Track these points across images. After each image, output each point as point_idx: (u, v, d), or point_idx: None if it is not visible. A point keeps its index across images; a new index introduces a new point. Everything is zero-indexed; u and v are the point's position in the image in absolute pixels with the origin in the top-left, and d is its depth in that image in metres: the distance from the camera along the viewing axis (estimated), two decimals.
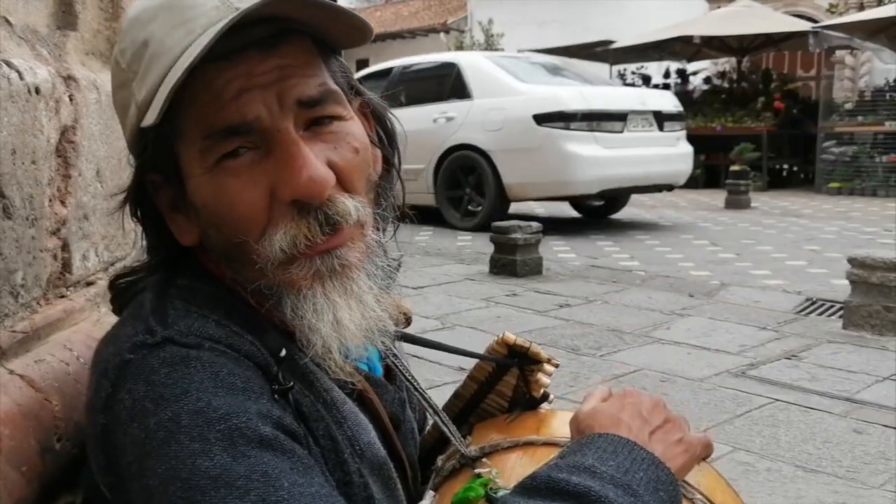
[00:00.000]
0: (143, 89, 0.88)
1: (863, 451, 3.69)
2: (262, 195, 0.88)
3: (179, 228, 0.96)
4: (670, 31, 18.45)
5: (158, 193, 0.95)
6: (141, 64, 0.88)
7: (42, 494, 0.93)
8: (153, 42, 0.87)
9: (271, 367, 0.87)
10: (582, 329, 5.82)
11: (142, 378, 0.82)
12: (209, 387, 0.80)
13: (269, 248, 0.88)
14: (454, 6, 33.07)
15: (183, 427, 0.78)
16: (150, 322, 0.87)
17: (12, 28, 1.05)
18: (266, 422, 0.81)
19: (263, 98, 0.86)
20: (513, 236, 7.65)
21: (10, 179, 0.95)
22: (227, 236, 0.90)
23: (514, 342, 1.15)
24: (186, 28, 0.86)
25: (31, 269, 1.02)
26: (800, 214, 12.83)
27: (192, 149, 0.88)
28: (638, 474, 0.85)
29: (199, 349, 0.84)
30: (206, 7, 0.86)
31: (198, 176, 0.89)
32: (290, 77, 0.88)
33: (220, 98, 0.86)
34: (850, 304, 5.67)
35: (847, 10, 20.77)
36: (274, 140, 0.87)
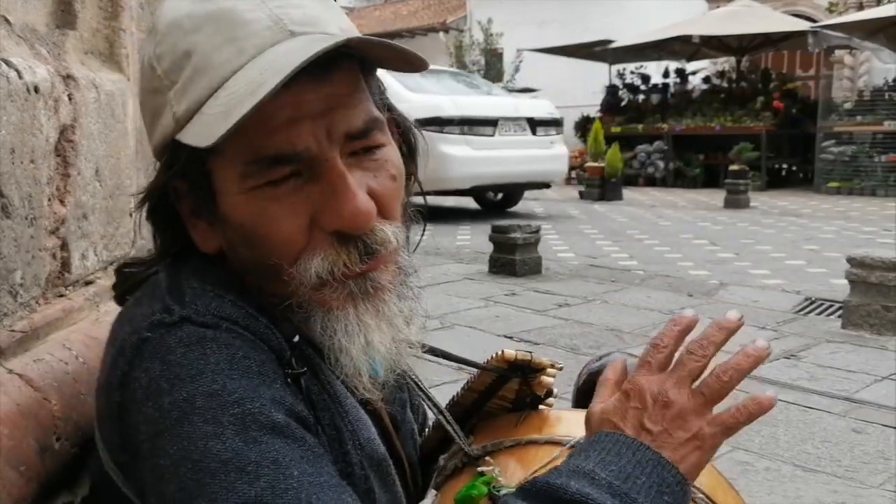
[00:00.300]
0: (183, 102, 0.86)
1: (862, 451, 3.69)
2: (302, 222, 0.87)
3: (202, 236, 0.95)
4: (669, 31, 18.46)
5: (181, 200, 0.95)
6: (181, 75, 0.87)
7: (41, 494, 0.93)
8: (197, 55, 0.86)
9: (285, 351, 0.87)
10: (581, 328, 5.82)
11: (158, 357, 0.81)
12: (225, 369, 0.80)
13: (305, 272, 0.88)
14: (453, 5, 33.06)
15: (197, 408, 0.77)
16: (168, 301, 0.86)
17: (11, 27, 1.05)
18: (279, 408, 0.80)
19: (313, 128, 0.85)
20: (512, 236, 7.65)
21: (8, 178, 0.95)
22: (260, 257, 0.90)
23: (515, 358, 1.13)
24: (237, 47, 0.84)
25: (30, 269, 1.02)
26: (799, 214, 12.83)
27: (232, 169, 0.87)
28: (640, 479, 0.83)
29: (217, 329, 0.83)
30: (258, 27, 0.85)
31: (234, 195, 0.88)
32: (339, 108, 0.87)
33: (268, 124, 0.84)
34: (849, 303, 5.68)
35: (846, 9, 20.76)
36: (321, 169, 0.86)
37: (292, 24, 0.86)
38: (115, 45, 1.38)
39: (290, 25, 0.86)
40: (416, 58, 0.90)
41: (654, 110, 18.83)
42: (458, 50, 21.37)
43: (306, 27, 0.87)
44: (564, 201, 15.19)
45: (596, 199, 14.87)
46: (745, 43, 18.98)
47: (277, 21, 0.86)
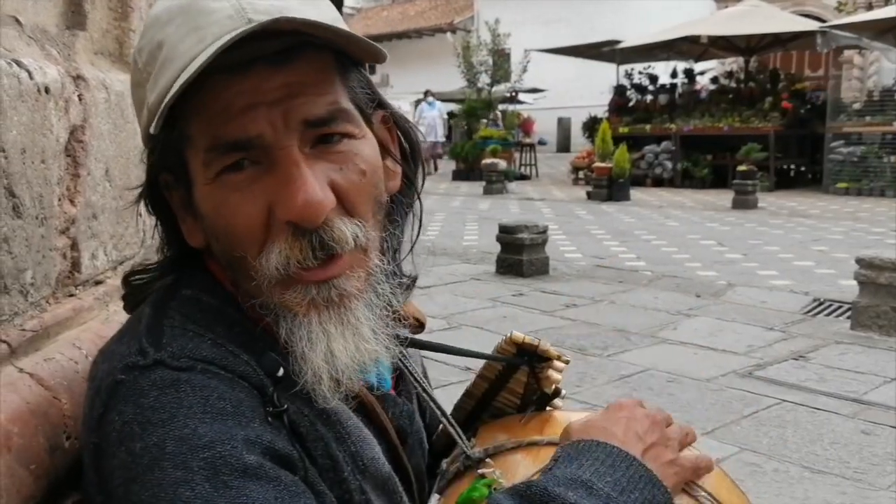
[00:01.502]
0: (153, 93, 0.87)
1: (870, 453, 3.68)
2: (260, 211, 0.86)
3: (189, 230, 0.94)
4: (677, 31, 18.43)
5: (171, 193, 0.95)
6: (155, 66, 0.87)
7: (50, 492, 0.93)
8: (167, 46, 0.86)
9: (267, 388, 0.86)
10: (588, 329, 5.81)
11: (131, 400, 0.81)
12: (198, 412, 0.79)
13: (266, 265, 0.86)
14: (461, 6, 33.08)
15: (167, 454, 0.77)
16: (143, 343, 0.85)
17: (22, 28, 1.05)
18: (253, 449, 0.79)
19: (269, 115, 0.84)
20: (519, 236, 7.65)
21: (19, 179, 0.95)
22: (227, 248, 0.89)
23: (523, 341, 1.14)
24: (198, 35, 0.84)
25: (40, 268, 1.03)
26: (807, 215, 12.79)
27: (198, 158, 0.87)
28: (633, 494, 0.83)
29: (191, 371, 0.82)
30: (220, 15, 0.84)
31: (202, 185, 0.88)
32: (298, 95, 0.85)
33: (226, 111, 0.84)
34: (857, 304, 5.66)
35: (855, 9, 20.69)
36: (275, 158, 0.85)
37: (253, 13, 0.84)
38: (125, 46, 1.39)
39: (251, 13, 0.84)
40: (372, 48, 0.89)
41: (661, 111, 18.80)
42: (465, 50, 21.30)
43: (266, 15, 0.84)
44: (572, 202, 15.18)
45: (603, 199, 14.85)
46: (753, 43, 18.93)
47: (240, 10, 0.84)
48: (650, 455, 0.92)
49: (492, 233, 8.22)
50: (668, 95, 19.34)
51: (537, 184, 19.36)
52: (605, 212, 13.38)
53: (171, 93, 0.80)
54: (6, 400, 0.89)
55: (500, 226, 7.92)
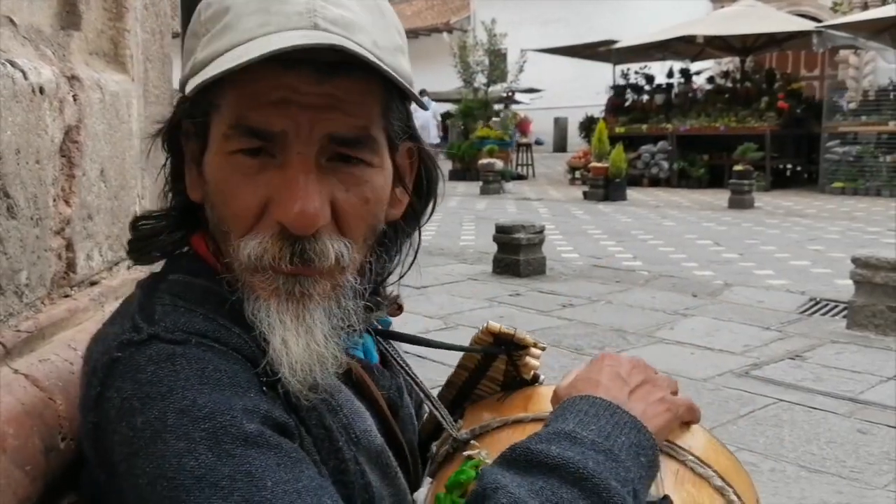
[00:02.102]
0: (204, 51, 0.88)
1: (867, 452, 3.69)
2: (257, 201, 0.88)
3: (191, 182, 0.96)
4: (673, 31, 18.45)
5: (188, 142, 0.96)
6: (215, 26, 0.88)
7: (46, 493, 0.93)
8: (232, 12, 0.87)
9: (259, 359, 0.87)
10: (585, 329, 5.81)
11: (129, 376, 0.82)
12: (195, 384, 0.80)
13: (243, 250, 0.88)
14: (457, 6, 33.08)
15: (169, 426, 0.78)
16: (137, 319, 0.86)
17: (16, 28, 1.05)
18: (252, 418, 0.80)
19: (298, 116, 0.85)
20: (516, 236, 7.65)
21: (14, 179, 0.95)
22: (217, 219, 0.91)
23: (499, 330, 1.15)
24: (264, 18, 0.85)
25: (35, 269, 1.02)
26: (803, 214, 12.81)
27: (220, 128, 0.89)
28: (620, 438, 0.85)
29: (186, 345, 0.84)
30: (290, 10, 0.85)
31: (215, 154, 0.90)
32: (333, 109, 0.86)
33: (259, 97, 0.85)
34: (854, 304, 5.66)
35: (851, 9, 20.73)
36: (289, 159, 0.86)
37: (321, 19, 0.85)
38: (120, 46, 1.38)
39: (319, 19, 0.85)
40: (414, 96, 0.91)
41: (658, 110, 18.81)
42: (461, 50, 21.30)
43: (334, 27, 0.85)
44: (568, 202, 15.19)
45: (600, 199, 14.86)
46: (749, 43, 18.96)
47: (311, 10, 0.85)
48: (638, 395, 0.95)
49: (488, 233, 8.22)
50: (665, 95, 19.35)
51: (534, 184, 19.37)
52: (601, 212, 13.39)
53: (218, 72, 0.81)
54: (2, 401, 0.89)
55: (497, 226, 7.92)
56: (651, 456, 0.87)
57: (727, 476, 1.00)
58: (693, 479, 0.97)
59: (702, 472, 0.98)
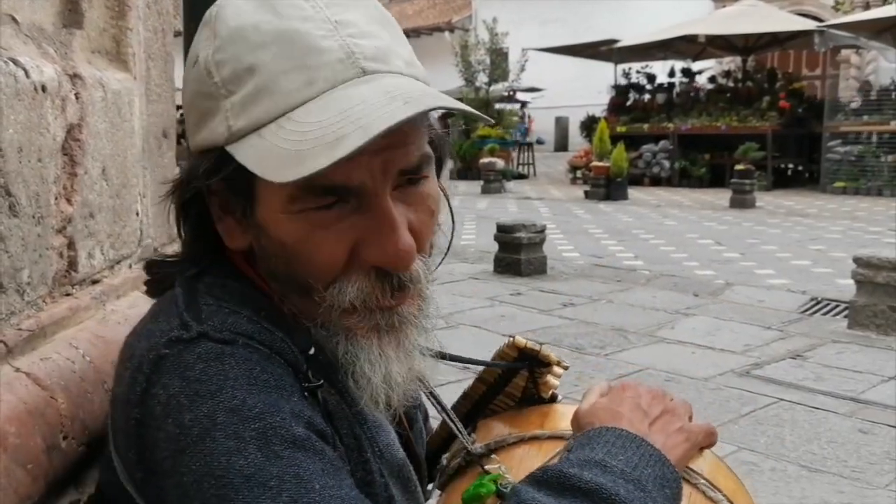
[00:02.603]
0: (241, 118, 0.86)
1: (868, 451, 3.68)
2: (344, 250, 0.87)
3: (230, 232, 0.94)
4: (675, 31, 18.44)
5: (212, 195, 0.93)
6: (241, 88, 0.86)
7: (48, 492, 0.93)
8: (262, 73, 0.85)
9: (301, 364, 0.87)
10: (586, 328, 5.81)
11: (177, 373, 0.81)
12: (244, 384, 0.80)
13: (338, 297, 0.88)
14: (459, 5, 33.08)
15: (218, 424, 0.77)
16: (185, 317, 0.86)
17: (19, 26, 1.05)
18: (299, 422, 0.80)
19: (370, 164, 0.85)
20: (517, 235, 7.65)
21: (16, 177, 0.95)
22: (294, 273, 0.90)
23: (525, 346, 1.15)
24: (307, 76, 0.84)
25: (37, 267, 1.02)
26: (805, 214, 12.81)
27: (279, 189, 0.85)
28: (647, 470, 0.85)
29: (234, 345, 0.83)
30: (330, 58, 0.84)
31: (278, 213, 0.87)
32: (397, 146, 0.86)
33: None
34: (855, 303, 5.66)
35: (853, 9, 20.71)
36: (369, 202, 0.86)
37: (364, 60, 0.85)
38: (122, 45, 1.38)
39: (362, 61, 0.85)
40: (485, 119, 0.93)
41: (659, 110, 18.81)
42: (463, 49, 21.31)
43: (378, 63, 0.86)
44: (569, 201, 15.18)
45: (601, 198, 14.86)
46: (750, 42, 18.94)
47: (350, 54, 0.85)
48: (658, 426, 0.96)
49: (490, 232, 8.22)
50: (666, 95, 19.35)
51: (535, 183, 19.37)
52: (602, 211, 13.39)
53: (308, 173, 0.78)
54: (3, 400, 0.89)
55: (498, 225, 7.92)
56: (675, 489, 0.87)
57: (734, 499, 1.01)
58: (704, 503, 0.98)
59: (712, 495, 0.98)
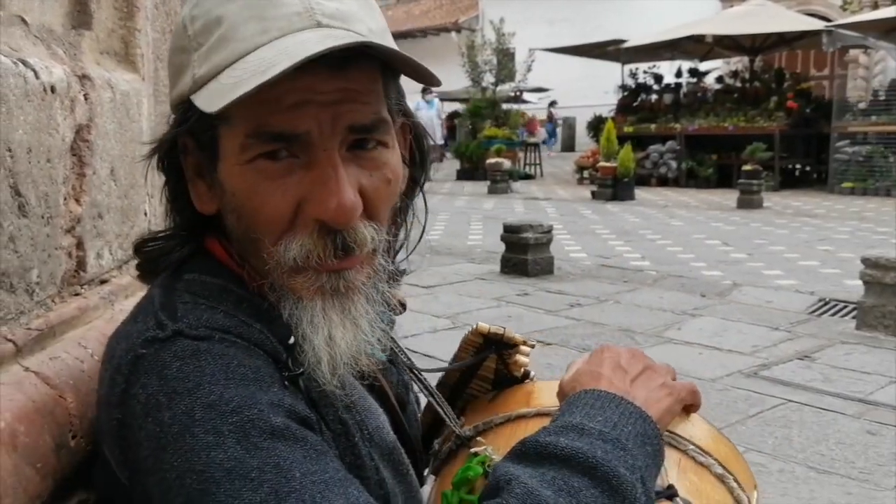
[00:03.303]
0: (204, 65, 0.88)
1: (876, 453, 3.67)
2: (289, 204, 0.88)
3: (200, 196, 0.96)
4: (682, 31, 18.40)
5: (187, 157, 0.96)
6: (208, 39, 0.89)
7: (57, 491, 0.94)
8: (226, 23, 0.88)
9: (280, 354, 0.88)
10: (593, 329, 5.80)
11: (154, 373, 0.82)
12: (221, 379, 0.81)
13: (283, 254, 0.89)
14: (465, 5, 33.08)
15: (196, 420, 0.79)
16: (160, 316, 0.87)
17: (28, 27, 1.06)
18: (278, 411, 0.81)
19: (318, 115, 0.86)
20: (524, 236, 7.65)
21: (25, 178, 0.96)
22: (245, 228, 0.91)
23: (488, 331, 1.18)
24: (262, 25, 0.86)
25: (46, 267, 1.03)
26: (812, 214, 12.76)
27: (234, 138, 0.89)
28: (626, 428, 0.87)
29: (210, 341, 0.85)
30: (288, 10, 0.87)
31: (232, 164, 0.90)
32: (349, 101, 0.88)
33: (276, 102, 0.85)
34: (863, 304, 5.64)
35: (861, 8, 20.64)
36: (316, 157, 0.87)
37: (321, 16, 0.87)
38: (131, 46, 1.39)
39: (319, 16, 0.87)
40: (428, 74, 0.92)
41: (666, 110, 18.77)
42: (469, 50, 21.30)
43: (334, 21, 0.88)
44: (576, 201, 15.17)
45: (608, 199, 14.84)
46: (758, 42, 18.89)
47: (308, 9, 0.87)
48: (639, 383, 0.97)
49: (496, 232, 8.21)
50: (673, 95, 19.31)
51: (542, 183, 19.36)
52: (609, 211, 13.37)
53: (251, 87, 0.81)
54: (12, 399, 0.89)
55: (505, 225, 7.92)
56: (656, 445, 0.89)
57: (727, 464, 1.02)
58: (695, 468, 0.99)
59: (703, 460, 0.99)
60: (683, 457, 0.99)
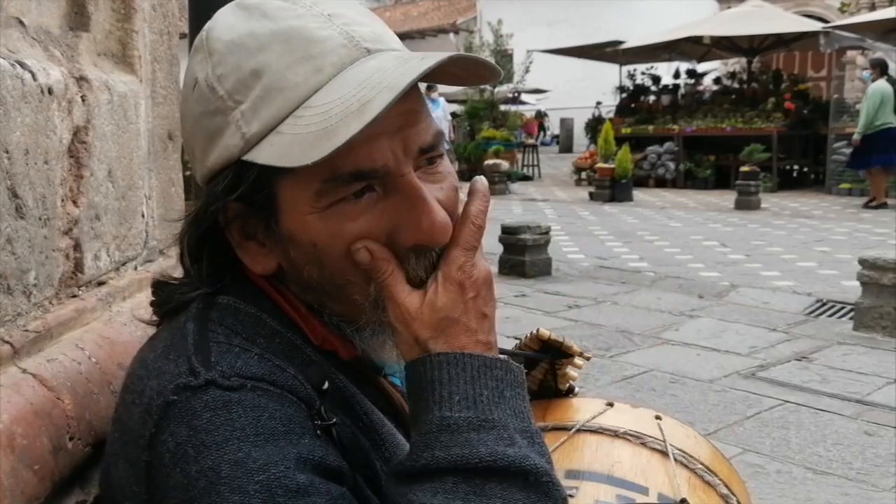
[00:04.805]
0: (254, 122, 0.86)
1: (873, 454, 3.67)
2: (381, 239, 0.87)
3: (253, 258, 0.94)
4: (680, 32, 18.41)
5: (230, 224, 0.93)
6: (249, 94, 0.86)
7: (54, 493, 0.94)
8: (269, 74, 0.85)
9: (314, 401, 0.87)
10: (591, 330, 5.81)
11: (185, 422, 0.82)
12: (250, 434, 0.80)
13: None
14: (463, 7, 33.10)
15: (223, 478, 0.78)
16: (194, 362, 0.85)
17: (25, 29, 1.06)
18: (304, 467, 0.80)
19: (391, 144, 0.85)
20: (522, 237, 7.65)
21: (22, 179, 0.96)
22: (330, 276, 0.89)
23: (549, 337, 1.16)
24: (313, 65, 0.84)
25: (43, 269, 1.03)
26: (810, 215, 12.77)
27: (304, 188, 0.86)
28: (483, 394, 0.83)
29: (241, 391, 0.83)
30: (332, 44, 0.85)
31: (306, 214, 0.87)
32: (413, 124, 0.87)
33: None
34: (860, 305, 5.65)
35: (858, 10, 20.67)
36: (396, 185, 0.86)
37: (365, 42, 0.86)
38: (128, 47, 1.39)
39: (364, 43, 0.86)
40: (493, 70, 0.92)
41: (664, 111, 18.78)
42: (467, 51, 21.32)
43: (377, 44, 0.87)
44: (574, 202, 15.17)
45: (606, 200, 14.84)
46: (756, 44, 18.90)
47: (351, 39, 0.86)
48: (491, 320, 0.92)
49: (494, 233, 8.21)
50: (671, 96, 19.31)
51: (540, 184, 19.36)
52: (607, 212, 13.38)
53: (342, 142, 0.78)
54: (10, 401, 0.89)
55: (503, 226, 7.92)
56: (508, 377, 0.86)
57: (730, 484, 1.02)
58: (703, 487, 0.99)
59: (710, 479, 1.00)
60: (692, 475, 1.01)
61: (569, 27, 27.41)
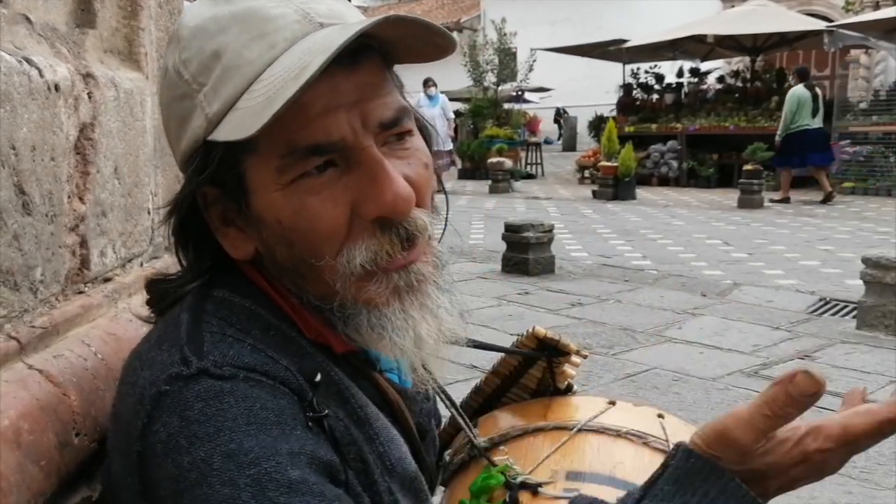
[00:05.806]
0: (215, 102, 0.86)
1: (877, 453, 3.67)
2: (343, 212, 0.87)
3: (232, 243, 0.94)
4: (683, 31, 18.39)
5: (209, 209, 0.93)
6: (210, 76, 0.87)
7: (60, 488, 0.94)
8: (227, 54, 0.86)
9: (306, 393, 0.87)
10: (594, 328, 5.81)
11: (177, 412, 0.81)
12: (242, 424, 0.80)
13: (349, 264, 0.87)
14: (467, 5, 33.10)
15: (214, 470, 0.78)
16: (186, 351, 0.85)
17: (32, 26, 1.06)
18: (297, 462, 0.80)
19: (348, 117, 0.85)
20: (525, 235, 7.65)
21: (29, 176, 0.96)
22: (300, 254, 0.89)
23: (545, 336, 1.16)
24: (267, 42, 0.85)
25: (49, 265, 1.03)
26: (813, 214, 12.76)
27: (267, 165, 0.87)
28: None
29: (234, 380, 0.83)
30: (286, 20, 0.86)
31: (272, 192, 0.88)
32: (371, 97, 0.87)
33: (303, 115, 0.84)
34: (864, 304, 5.64)
35: (862, 8, 20.63)
36: (357, 158, 0.86)
37: (319, 17, 0.87)
38: (135, 44, 1.39)
39: (318, 18, 0.87)
40: (445, 36, 0.90)
41: (667, 110, 18.76)
42: (471, 49, 21.29)
43: (333, 20, 0.88)
44: (577, 200, 15.16)
45: (609, 198, 14.84)
46: (759, 42, 18.88)
47: (305, 15, 0.87)
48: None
49: (497, 231, 8.21)
50: (675, 95, 19.30)
51: (543, 183, 19.35)
52: (610, 211, 13.37)
53: (280, 105, 0.78)
54: (16, 396, 0.89)
55: (506, 224, 7.92)
56: None
57: None
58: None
59: None
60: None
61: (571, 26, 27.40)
